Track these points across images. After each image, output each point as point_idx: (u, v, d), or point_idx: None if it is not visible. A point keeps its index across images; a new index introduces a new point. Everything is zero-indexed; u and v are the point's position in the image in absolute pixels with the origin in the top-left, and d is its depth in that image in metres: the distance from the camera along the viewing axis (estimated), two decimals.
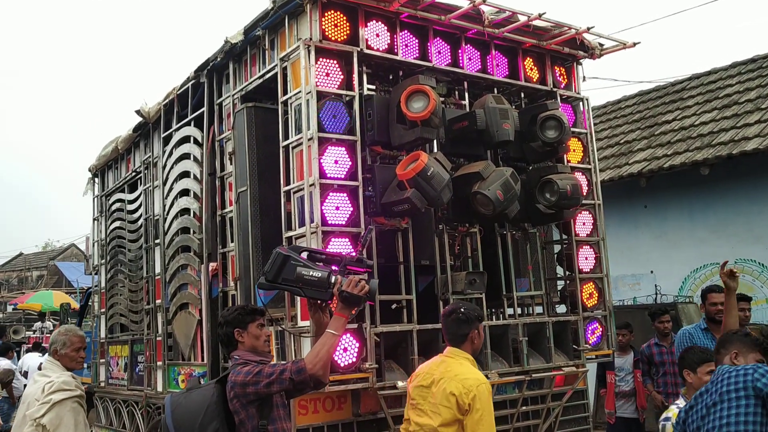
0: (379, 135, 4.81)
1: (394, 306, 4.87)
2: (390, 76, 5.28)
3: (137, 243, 7.30)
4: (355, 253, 3.59)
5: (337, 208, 4.50)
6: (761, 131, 9.03)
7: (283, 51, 4.89)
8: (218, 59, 5.60)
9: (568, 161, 5.81)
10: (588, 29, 5.56)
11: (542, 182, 5.31)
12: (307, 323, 4.35)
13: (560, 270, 6.04)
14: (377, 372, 4.52)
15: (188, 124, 6.14)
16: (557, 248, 6.11)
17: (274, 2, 4.91)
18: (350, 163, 4.61)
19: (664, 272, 10.11)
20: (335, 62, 4.73)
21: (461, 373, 3.46)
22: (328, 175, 4.50)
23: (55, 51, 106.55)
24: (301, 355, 4.36)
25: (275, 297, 4.82)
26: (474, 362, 3.64)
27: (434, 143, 5.14)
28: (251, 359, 3.27)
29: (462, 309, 3.61)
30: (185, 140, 6.17)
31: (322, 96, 4.57)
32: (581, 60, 6.09)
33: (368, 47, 4.88)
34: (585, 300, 5.71)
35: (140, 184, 7.25)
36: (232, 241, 5.42)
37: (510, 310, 5.61)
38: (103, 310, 8.18)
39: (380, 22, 4.97)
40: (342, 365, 4.30)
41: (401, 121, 4.72)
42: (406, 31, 5.13)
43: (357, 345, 4.40)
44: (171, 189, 6.34)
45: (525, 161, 5.63)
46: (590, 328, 5.71)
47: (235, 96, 5.49)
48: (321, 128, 4.51)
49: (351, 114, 4.69)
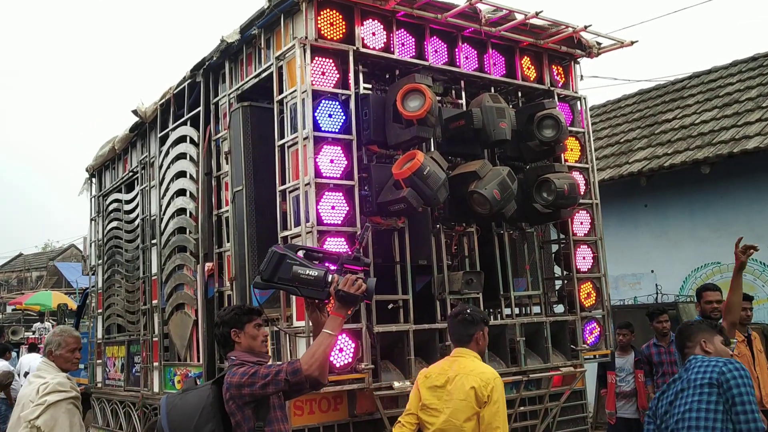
0: (375, 134, 4.79)
1: (391, 306, 4.84)
2: (386, 75, 5.26)
3: (134, 243, 7.28)
4: (352, 252, 3.55)
5: (333, 208, 4.48)
6: (762, 130, 8.99)
7: (279, 50, 4.87)
8: (214, 58, 5.58)
9: (566, 160, 5.78)
10: (585, 28, 5.54)
11: (539, 181, 5.28)
12: (303, 323, 4.33)
13: (558, 270, 6.02)
14: (373, 372, 4.50)
15: (184, 124, 6.12)
16: (555, 248, 6.09)
17: (270, 1, 4.89)
18: (346, 163, 4.58)
19: (665, 272, 10.07)
20: (331, 61, 4.71)
21: (477, 368, 3.58)
22: (324, 175, 4.48)
23: (55, 51, 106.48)
24: (297, 356, 4.33)
25: (271, 297, 4.79)
26: (481, 360, 3.74)
27: (431, 142, 5.11)
28: (248, 360, 3.22)
29: (468, 310, 3.75)
30: (181, 140, 6.15)
31: (318, 95, 4.55)
32: (579, 59, 6.07)
33: (364, 46, 4.86)
34: (583, 300, 5.69)
35: (137, 184, 7.24)
36: (228, 241, 5.39)
37: (507, 310, 5.60)
38: (100, 311, 8.16)
39: (376, 21, 4.95)
40: (338, 366, 4.28)
41: (397, 120, 4.69)
42: (403, 30, 5.10)
43: (353, 345, 4.37)
44: (167, 189, 6.32)
45: (522, 160, 5.61)
46: (588, 328, 5.70)
47: (231, 95, 5.47)
48: (317, 127, 4.49)
49: (347, 113, 4.67)
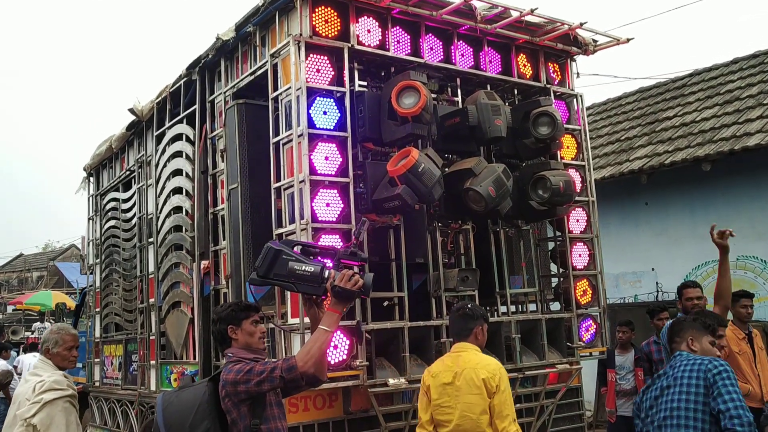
0: (370, 131, 4.79)
1: (386, 303, 4.83)
2: (382, 73, 5.25)
3: (131, 242, 7.28)
4: (349, 246, 3.53)
5: (328, 205, 4.47)
6: (763, 127, 8.95)
7: (274, 47, 4.86)
8: (210, 56, 5.58)
9: (562, 158, 5.77)
10: (581, 25, 5.52)
11: (535, 179, 5.27)
12: (298, 320, 4.32)
13: (554, 267, 6.01)
14: (368, 369, 4.49)
15: (181, 122, 6.12)
16: (551, 245, 6.08)
17: None
18: (341, 160, 4.58)
19: (666, 269, 10.02)
20: (326, 58, 4.70)
21: (482, 360, 3.66)
22: (319, 172, 4.47)
23: (55, 51, 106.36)
24: (292, 353, 4.33)
25: (266, 294, 4.79)
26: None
27: (426, 139, 5.10)
28: (244, 357, 3.19)
29: (469, 305, 3.91)
30: (178, 138, 6.14)
31: (313, 92, 4.54)
32: (575, 56, 6.06)
33: (359, 43, 4.86)
34: (579, 297, 5.68)
35: (134, 183, 7.23)
36: (224, 239, 5.39)
37: (503, 308, 5.59)
38: (98, 310, 8.16)
39: (371, 18, 4.94)
40: (332, 363, 4.27)
41: (392, 118, 4.69)
42: (398, 27, 5.09)
43: (347, 342, 4.36)
44: (164, 187, 6.32)
45: (518, 158, 5.61)
46: (584, 326, 5.69)
47: (227, 93, 5.47)
48: (311, 125, 4.48)
49: (342, 110, 4.66)
